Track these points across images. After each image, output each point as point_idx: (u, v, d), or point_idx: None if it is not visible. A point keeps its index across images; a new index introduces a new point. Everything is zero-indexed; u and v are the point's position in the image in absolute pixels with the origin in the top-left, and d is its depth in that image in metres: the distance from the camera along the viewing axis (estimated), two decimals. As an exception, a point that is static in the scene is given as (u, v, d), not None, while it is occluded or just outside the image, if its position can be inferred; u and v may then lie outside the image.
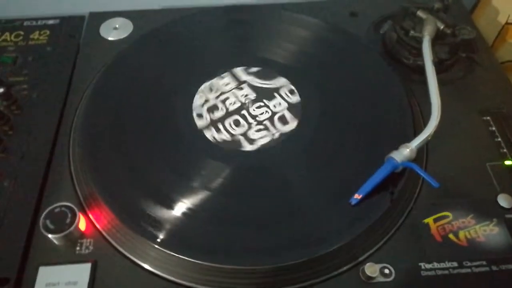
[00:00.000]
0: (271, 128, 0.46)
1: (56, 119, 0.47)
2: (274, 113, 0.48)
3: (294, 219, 0.40)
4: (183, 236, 0.38)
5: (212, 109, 0.48)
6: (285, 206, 0.41)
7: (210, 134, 0.46)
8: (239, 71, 0.51)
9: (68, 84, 0.51)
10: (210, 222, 0.39)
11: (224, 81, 0.50)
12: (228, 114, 0.48)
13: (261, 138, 0.45)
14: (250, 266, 0.36)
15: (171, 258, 0.37)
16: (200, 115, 0.47)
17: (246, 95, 0.49)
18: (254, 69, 0.51)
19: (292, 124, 0.47)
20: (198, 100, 0.48)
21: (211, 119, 0.47)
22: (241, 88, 0.50)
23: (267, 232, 0.39)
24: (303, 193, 0.42)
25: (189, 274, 0.37)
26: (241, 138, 0.45)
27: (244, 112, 0.48)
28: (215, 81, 0.50)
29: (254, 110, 0.48)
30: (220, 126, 0.46)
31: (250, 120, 0.47)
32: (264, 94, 0.49)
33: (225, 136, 0.46)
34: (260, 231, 0.39)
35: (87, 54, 0.54)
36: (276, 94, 0.49)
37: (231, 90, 0.49)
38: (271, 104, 0.48)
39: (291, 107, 0.48)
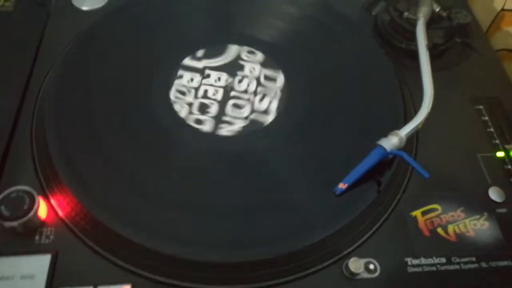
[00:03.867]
0: (267, 90, 0.45)
1: (19, 93, 0.43)
2: (257, 78, 0.45)
3: (273, 209, 0.37)
4: (155, 226, 0.35)
5: (203, 108, 0.43)
6: (264, 194, 0.38)
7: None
8: (188, 61, 0.47)
9: (35, 57, 0.46)
10: (183, 212, 0.36)
11: (186, 79, 0.45)
12: (223, 103, 0.44)
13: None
14: (219, 259, 0.34)
15: (141, 250, 0.34)
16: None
17: (219, 78, 0.46)
18: (201, 52, 0.47)
19: (279, 78, 0.45)
20: (181, 109, 0.44)
21: (210, 117, 0.43)
22: (208, 75, 0.46)
23: (241, 223, 0.36)
24: (284, 181, 0.39)
25: (160, 267, 0.34)
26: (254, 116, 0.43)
27: (233, 93, 0.45)
28: (178, 84, 0.45)
29: (239, 85, 0.45)
30: (228, 118, 0.43)
31: (245, 96, 0.44)
32: (232, 68, 0.46)
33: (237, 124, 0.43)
34: (234, 222, 0.36)
35: (57, 24, 0.50)
36: (241, 62, 0.47)
37: (201, 83, 0.45)
38: (247, 72, 0.46)
39: (263, 63, 0.47)
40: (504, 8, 0.57)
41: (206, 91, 0.44)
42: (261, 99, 0.44)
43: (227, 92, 0.45)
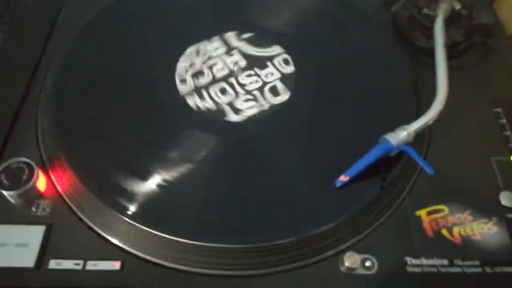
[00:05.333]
0: (260, 99, 0.43)
1: (29, 73, 0.44)
2: (265, 83, 0.44)
3: (274, 199, 0.37)
4: (153, 209, 0.35)
5: (197, 74, 0.44)
6: (267, 184, 0.37)
7: (193, 101, 0.42)
8: (230, 36, 0.47)
9: (46, 40, 0.47)
10: (179, 194, 0.36)
11: (213, 46, 0.46)
12: (215, 81, 0.44)
13: (249, 109, 0.42)
14: (218, 244, 0.33)
15: (136, 231, 0.34)
16: (183, 80, 0.44)
17: (236, 62, 0.45)
18: (247, 35, 0.47)
19: (284, 96, 0.43)
20: (182, 63, 0.44)
21: (195, 85, 0.43)
22: (231, 55, 0.46)
23: (244, 211, 0.36)
24: (288, 171, 0.38)
25: (153, 249, 0.34)
26: (227, 108, 0.42)
27: (232, 80, 0.44)
28: (202, 44, 0.46)
29: (243, 78, 0.44)
30: (204, 93, 0.43)
31: (238, 89, 0.43)
32: (255, 62, 0.45)
33: (209, 104, 0.42)
34: (233, 208, 0.36)
35: (70, 10, 0.50)
36: (269, 63, 0.45)
37: (220, 56, 0.45)
38: (262, 73, 0.45)
39: (284, 78, 0.44)
40: (532, 12, 0.55)
41: (214, 64, 0.44)
42: (246, 101, 0.43)
43: (229, 76, 0.44)
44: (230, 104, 0.42)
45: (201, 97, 0.42)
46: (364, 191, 0.37)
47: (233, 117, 0.41)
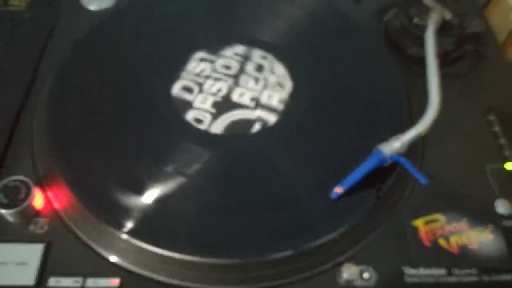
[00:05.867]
0: (255, 110, 0.43)
1: (24, 87, 0.44)
2: (260, 94, 0.44)
3: (271, 212, 0.37)
4: (151, 226, 0.35)
5: (192, 88, 0.44)
6: (262, 198, 0.38)
7: (189, 115, 0.42)
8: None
9: (41, 54, 0.47)
10: (177, 210, 0.36)
11: (208, 60, 0.46)
12: (209, 94, 0.44)
13: (244, 122, 0.42)
14: (215, 259, 0.34)
15: (135, 247, 0.34)
16: (179, 94, 0.44)
17: (231, 74, 0.46)
18: (240, 46, 0.48)
19: (278, 108, 0.43)
20: (178, 77, 0.45)
21: (190, 100, 0.43)
22: (227, 67, 0.46)
23: (240, 225, 0.36)
24: (283, 184, 0.39)
25: (153, 264, 0.34)
26: (221, 120, 0.42)
27: (226, 92, 0.45)
28: (199, 57, 0.46)
29: (237, 90, 0.45)
30: (200, 106, 0.43)
31: (233, 100, 0.44)
32: (251, 74, 0.46)
33: (204, 117, 0.42)
34: (232, 224, 0.36)
35: (65, 23, 0.51)
36: (264, 75, 0.46)
37: (215, 70, 0.46)
38: (257, 85, 0.45)
39: (279, 90, 0.45)
40: (522, 20, 0.55)
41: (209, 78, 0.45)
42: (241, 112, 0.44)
43: (223, 88, 0.45)
44: (225, 117, 0.42)
45: (196, 111, 0.43)
46: (360, 202, 0.37)
47: (226, 130, 0.42)
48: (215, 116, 0.42)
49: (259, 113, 0.43)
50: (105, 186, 0.37)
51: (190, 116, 0.42)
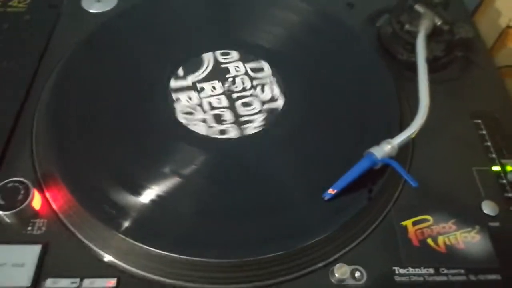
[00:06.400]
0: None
1: (24, 90, 0.44)
2: (255, 99, 0.45)
3: (264, 213, 0.38)
4: (146, 225, 0.36)
5: (219, 118, 0.44)
6: (255, 198, 0.38)
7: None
8: (174, 84, 0.46)
9: (41, 56, 0.48)
10: (174, 211, 0.37)
11: (185, 99, 0.45)
12: (233, 107, 0.45)
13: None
14: (210, 259, 0.34)
15: (131, 247, 0.35)
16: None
17: (214, 87, 0.46)
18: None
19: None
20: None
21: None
22: (203, 89, 0.46)
23: (235, 225, 0.37)
24: (277, 185, 0.39)
25: (149, 264, 0.35)
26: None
27: (222, 96, 0.45)
28: (180, 106, 0.44)
29: (234, 95, 0.46)
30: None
31: (229, 104, 0.45)
32: (218, 74, 0.47)
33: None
34: (226, 224, 0.37)
35: (65, 26, 0.51)
36: (222, 66, 0.47)
37: (202, 98, 0.45)
38: (252, 90, 0.46)
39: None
40: (509, 25, 0.57)
41: (210, 103, 0.45)
42: (262, 90, 0.45)
43: (229, 96, 0.45)
44: (221, 120, 0.43)
45: (192, 113, 0.43)
46: (351, 203, 0.38)
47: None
48: (232, 122, 0.43)
49: (266, 105, 0.44)
50: (102, 186, 0.37)
51: (186, 117, 0.43)
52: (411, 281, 0.36)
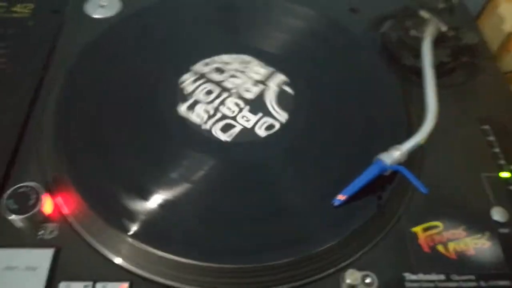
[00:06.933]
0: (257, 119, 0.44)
1: (31, 95, 0.45)
2: (262, 104, 0.45)
3: (274, 218, 0.38)
4: (157, 229, 0.36)
5: (198, 97, 0.45)
6: (266, 204, 0.39)
7: (192, 122, 0.43)
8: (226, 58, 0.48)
9: (46, 62, 0.48)
10: (188, 217, 0.37)
11: (211, 67, 0.47)
12: (212, 102, 0.45)
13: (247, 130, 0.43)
14: (221, 264, 0.34)
15: (143, 252, 0.35)
16: (184, 102, 0.45)
17: (235, 84, 0.47)
18: (243, 57, 0.49)
19: (280, 118, 0.44)
20: (183, 86, 0.46)
21: (195, 108, 0.44)
22: (231, 76, 0.47)
23: (244, 231, 0.37)
24: (286, 192, 0.40)
25: (161, 269, 0.35)
26: (226, 129, 0.43)
27: (230, 100, 0.46)
28: (202, 64, 0.47)
29: (240, 99, 0.46)
30: (204, 115, 0.44)
31: (236, 109, 0.45)
32: (252, 84, 0.47)
33: (208, 125, 0.43)
34: (236, 230, 0.37)
35: (69, 31, 0.52)
36: (265, 85, 0.47)
37: (219, 79, 0.47)
38: (260, 95, 0.46)
39: (279, 100, 0.46)
40: (513, 31, 0.57)
41: (219, 110, 0.45)
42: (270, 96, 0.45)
43: (238, 103, 0.46)
44: (231, 126, 0.43)
45: (201, 118, 0.44)
46: (361, 209, 0.38)
47: (231, 138, 0.43)
48: (217, 121, 0.43)
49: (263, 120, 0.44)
50: (114, 191, 0.37)
51: (196, 123, 0.43)
52: (422, 287, 0.36)
